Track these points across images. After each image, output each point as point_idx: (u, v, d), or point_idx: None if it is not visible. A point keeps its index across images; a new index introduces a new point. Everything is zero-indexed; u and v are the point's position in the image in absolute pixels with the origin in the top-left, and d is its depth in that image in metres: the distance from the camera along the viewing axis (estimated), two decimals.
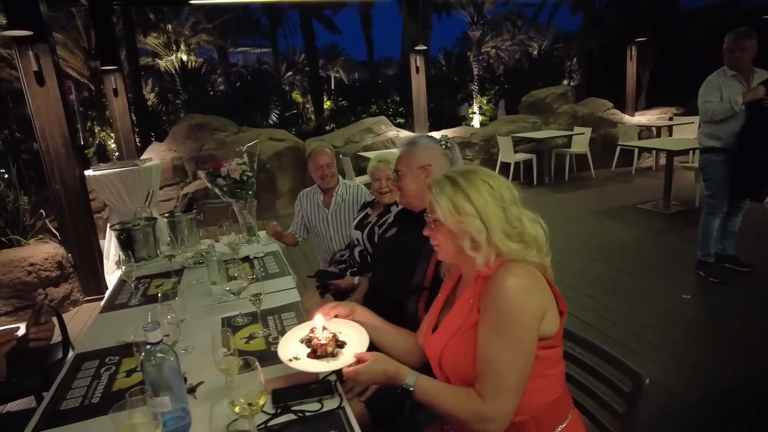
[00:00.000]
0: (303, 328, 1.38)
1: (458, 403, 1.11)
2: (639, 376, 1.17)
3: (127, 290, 2.26)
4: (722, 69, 3.58)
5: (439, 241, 1.27)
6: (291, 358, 1.24)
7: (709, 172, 3.68)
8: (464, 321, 1.20)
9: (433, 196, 1.23)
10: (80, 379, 1.52)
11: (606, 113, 8.90)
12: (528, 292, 1.10)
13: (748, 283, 3.67)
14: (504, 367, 1.07)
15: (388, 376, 1.18)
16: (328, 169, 2.88)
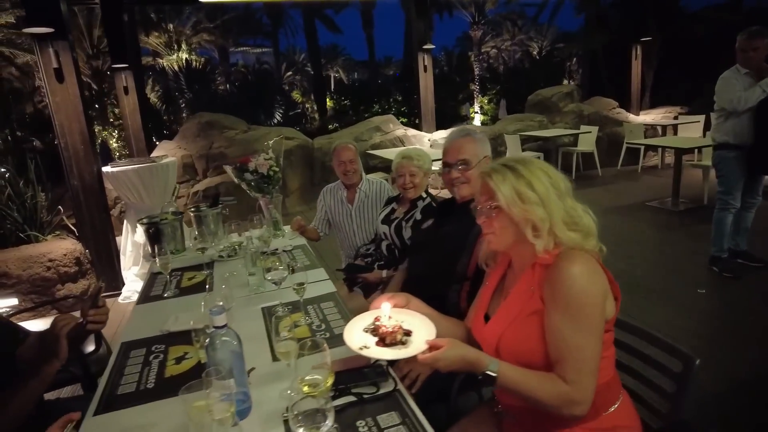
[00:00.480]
0: (364, 318, 1.37)
1: (544, 389, 1.12)
2: (689, 356, 1.21)
3: (159, 283, 2.29)
4: (735, 67, 3.62)
5: (495, 229, 1.26)
6: (361, 347, 1.24)
7: (723, 169, 3.72)
8: (522, 308, 1.22)
9: (495, 184, 1.22)
10: (131, 366, 1.55)
11: (611, 112, 8.95)
12: (592, 277, 1.13)
13: (763, 278, 3.71)
14: (583, 350, 1.11)
15: (467, 362, 1.16)
16: (351, 165, 2.91)
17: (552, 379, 1.12)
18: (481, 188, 1.30)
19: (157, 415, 1.29)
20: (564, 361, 1.11)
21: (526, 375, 1.15)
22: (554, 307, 1.14)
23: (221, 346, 1.18)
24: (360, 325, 1.34)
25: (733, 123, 3.58)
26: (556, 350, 1.13)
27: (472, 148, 1.81)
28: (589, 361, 1.11)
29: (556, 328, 1.13)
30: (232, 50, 25.43)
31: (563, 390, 1.10)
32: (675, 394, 1.23)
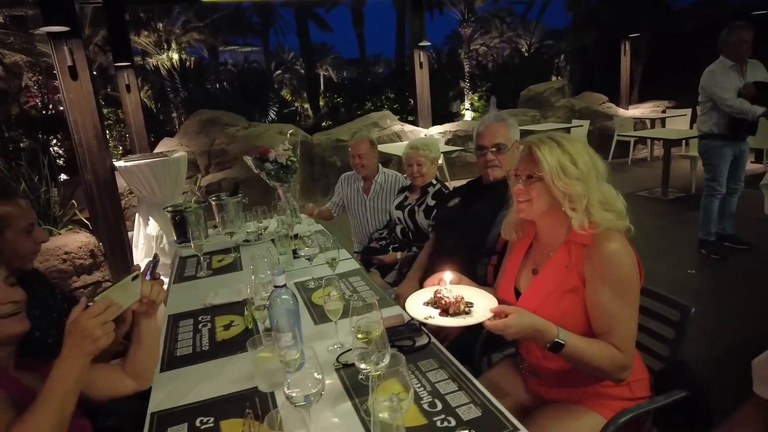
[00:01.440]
0: (422, 293, 1.45)
1: (605, 356, 1.21)
2: (685, 306, 1.39)
3: (190, 265, 2.45)
4: (720, 60, 3.82)
5: (532, 197, 1.32)
6: (426, 317, 1.31)
7: (709, 157, 3.94)
8: (559, 285, 1.30)
9: (542, 154, 1.28)
10: (182, 333, 1.71)
11: (601, 107, 9.20)
12: (631, 255, 1.25)
13: (747, 259, 3.95)
14: (629, 321, 1.24)
15: (535, 329, 1.20)
16: (360, 159, 3.10)
17: (608, 348, 1.22)
18: (524, 158, 1.35)
19: (216, 370, 1.45)
20: (613, 332, 1.22)
21: (589, 343, 1.23)
22: (601, 284, 1.23)
23: (282, 304, 1.34)
24: (421, 299, 1.42)
25: (718, 114, 3.80)
26: (605, 323, 1.24)
27: (506, 132, 1.94)
28: (634, 330, 1.25)
29: (604, 303, 1.23)
30: (221, 49, 25.40)
31: (618, 357, 1.21)
32: (674, 340, 1.41)
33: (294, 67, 26.42)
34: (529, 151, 1.34)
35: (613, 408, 1.32)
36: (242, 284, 2.05)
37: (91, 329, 1.03)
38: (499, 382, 1.52)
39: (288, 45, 27.66)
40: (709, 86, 3.83)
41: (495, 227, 1.89)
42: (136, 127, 6.50)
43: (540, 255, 1.43)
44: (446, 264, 1.97)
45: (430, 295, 1.43)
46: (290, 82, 25.65)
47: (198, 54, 22.29)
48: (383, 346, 1.15)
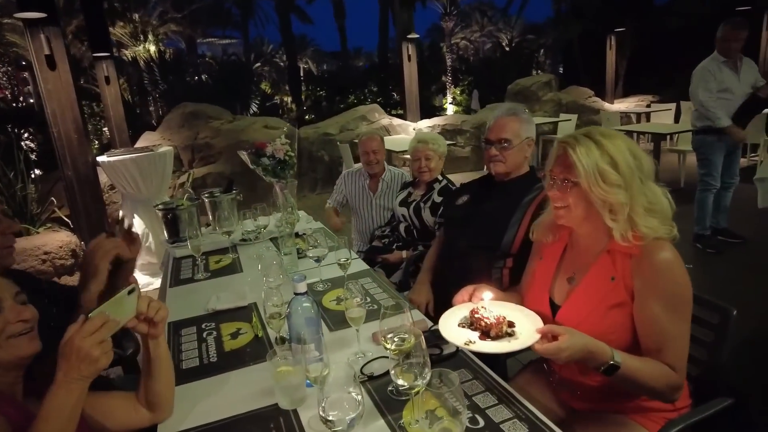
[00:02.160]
0: (455, 312, 1.32)
1: (659, 377, 1.12)
2: (726, 309, 1.33)
3: (186, 267, 2.31)
4: (714, 55, 3.84)
5: (569, 204, 1.21)
6: (466, 342, 1.18)
7: (704, 152, 3.94)
8: (604, 298, 1.19)
9: (578, 157, 1.15)
10: (186, 343, 1.58)
11: (588, 101, 9.23)
12: (683, 266, 1.14)
13: (742, 253, 3.97)
14: (683, 338, 1.15)
15: (589, 352, 1.09)
16: (374, 156, 2.99)
17: (662, 367, 1.12)
18: (559, 158, 1.23)
19: (228, 385, 1.33)
20: (665, 350, 1.13)
21: (644, 363, 1.13)
22: (654, 298, 1.13)
23: (303, 313, 1.23)
24: (454, 319, 1.29)
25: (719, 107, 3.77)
26: (656, 340, 1.14)
27: (515, 127, 1.82)
28: (687, 347, 1.15)
29: (657, 319, 1.13)
30: (200, 41, 24.85)
31: (673, 378, 1.12)
32: (713, 343, 1.35)
33: (274, 59, 26.05)
34: (564, 152, 1.21)
35: (655, 419, 1.26)
36: (245, 287, 1.93)
37: (87, 349, 0.91)
38: (529, 390, 1.43)
39: (268, 37, 27.25)
40: (695, 82, 3.86)
41: (510, 228, 1.81)
42: (117, 120, 6.25)
43: (577, 262, 1.32)
44: (457, 266, 1.90)
45: (463, 313, 1.30)
46: (270, 75, 25.27)
47: (176, 46, 21.74)
48: (422, 358, 1.05)
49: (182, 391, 1.30)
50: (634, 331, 1.19)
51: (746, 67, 3.82)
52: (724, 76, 3.77)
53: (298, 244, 2.38)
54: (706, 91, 3.78)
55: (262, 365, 1.40)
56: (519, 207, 1.81)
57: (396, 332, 1.18)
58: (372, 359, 1.36)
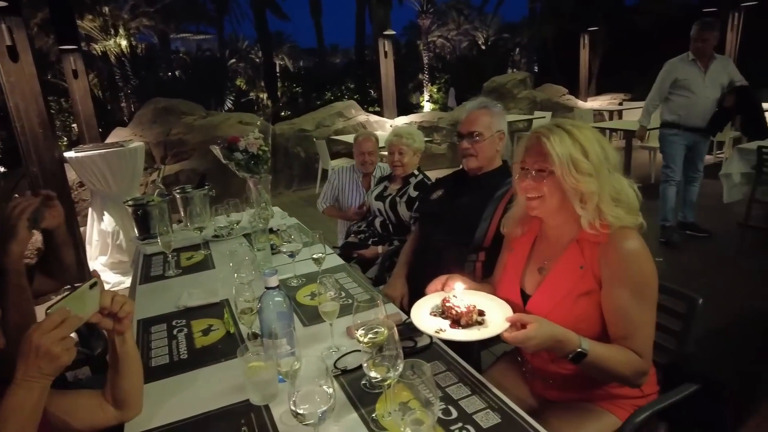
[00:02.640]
0: (427, 301, 1.33)
1: (625, 363, 1.13)
2: (693, 298, 1.36)
3: (157, 264, 2.26)
4: (686, 53, 3.96)
5: (544, 194, 1.21)
6: (437, 330, 1.19)
7: (666, 146, 4.09)
8: (573, 287, 1.21)
9: (552, 146, 1.16)
10: (156, 340, 1.54)
11: (562, 99, 9.37)
12: (649, 255, 1.16)
13: (708, 246, 4.08)
14: (649, 325, 1.17)
15: (556, 340, 1.10)
16: (369, 157, 3.03)
17: (628, 353, 1.14)
18: (531, 148, 1.23)
19: (199, 382, 1.31)
20: (632, 337, 1.15)
21: (611, 350, 1.14)
22: (621, 286, 1.15)
23: (274, 307, 1.21)
24: (426, 308, 1.30)
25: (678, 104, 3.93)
26: (624, 327, 1.16)
27: (486, 121, 1.82)
28: (652, 334, 1.18)
29: (623, 306, 1.15)
30: (173, 36, 24.35)
31: (639, 364, 1.14)
32: (681, 332, 1.38)
33: (249, 56, 25.74)
34: (537, 142, 1.21)
35: (624, 406, 1.28)
36: (217, 284, 1.89)
37: (48, 346, 0.86)
38: (502, 382, 1.44)
39: (243, 33, 26.91)
40: (659, 75, 4.01)
41: (483, 222, 1.82)
42: (86, 115, 6.07)
43: (547, 253, 1.33)
44: (432, 261, 1.90)
45: (435, 302, 1.31)
46: (245, 71, 24.94)
47: (148, 41, 21.23)
48: (395, 350, 1.04)
49: (152, 389, 1.27)
50: (603, 319, 1.21)
51: (718, 68, 3.89)
52: (688, 74, 3.88)
53: (272, 239, 2.35)
54: (656, 89, 3.98)
55: (233, 361, 1.38)
56: (491, 201, 1.82)
57: (369, 325, 1.17)
58: (346, 353, 1.35)
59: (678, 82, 3.90)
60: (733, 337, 2.76)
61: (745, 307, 3.04)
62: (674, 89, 3.93)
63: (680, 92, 3.92)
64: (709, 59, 3.88)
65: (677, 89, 3.92)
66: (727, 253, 3.93)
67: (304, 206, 6.57)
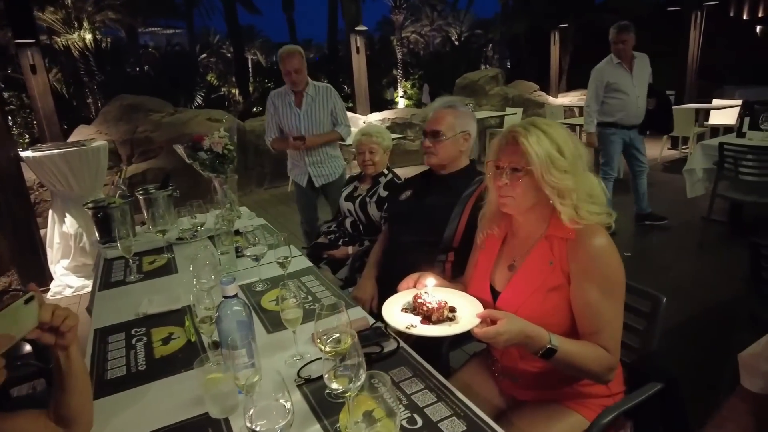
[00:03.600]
0: (399, 298, 1.33)
1: (594, 358, 1.14)
2: (657, 297, 1.37)
3: (118, 269, 2.18)
4: (610, 57, 4.18)
5: (516, 194, 1.22)
6: (408, 326, 1.18)
7: (605, 144, 4.27)
8: (542, 283, 1.21)
9: (530, 146, 1.16)
10: (113, 351, 1.48)
11: (533, 95, 9.47)
12: (616, 251, 1.17)
13: (673, 240, 4.19)
14: (617, 320, 1.18)
15: (526, 336, 1.10)
16: (297, 75, 3.10)
17: (596, 349, 1.15)
18: (506, 147, 1.23)
19: (158, 394, 1.25)
20: (601, 332, 1.15)
21: (580, 346, 1.15)
22: (589, 282, 1.15)
23: (233, 317, 1.17)
24: (398, 305, 1.29)
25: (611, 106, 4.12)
26: (592, 323, 1.16)
27: (449, 120, 1.82)
28: (620, 329, 1.19)
29: (592, 302, 1.15)
30: (141, 31, 23.70)
31: (606, 358, 1.15)
32: (645, 330, 1.39)
33: (220, 50, 25.28)
34: (513, 141, 1.21)
35: (591, 406, 1.28)
36: (179, 289, 1.83)
37: None
38: (471, 384, 1.43)
39: (214, 27, 26.37)
40: (589, 82, 4.20)
41: (451, 222, 1.81)
42: (46, 112, 5.83)
43: (517, 250, 1.34)
44: (401, 262, 1.87)
45: (407, 299, 1.30)
46: (216, 66, 24.49)
47: (115, 35, 20.56)
48: (357, 360, 1.01)
49: (106, 404, 1.22)
50: (572, 314, 1.22)
51: (640, 66, 4.14)
52: (617, 76, 4.09)
53: (238, 241, 2.29)
54: (594, 94, 4.14)
55: (193, 372, 1.32)
56: (459, 201, 1.81)
57: (331, 333, 1.14)
58: (310, 361, 1.31)
59: (610, 85, 4.10)
60: (697, 330, 2.83)
61: (709, 301, 3.12)
62: (608, 93, 4.12)
63: (614, 95, 4.11)
64: (631, 60, 4.11)
65: (611, 92, 4.11)
66: (690, 247, 4.04)
67: (277, 204, 6.48)
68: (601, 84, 4.10)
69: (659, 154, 7.19)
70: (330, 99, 3.30)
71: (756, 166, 3.67)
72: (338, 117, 3.39)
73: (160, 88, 12.68)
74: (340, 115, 3.40)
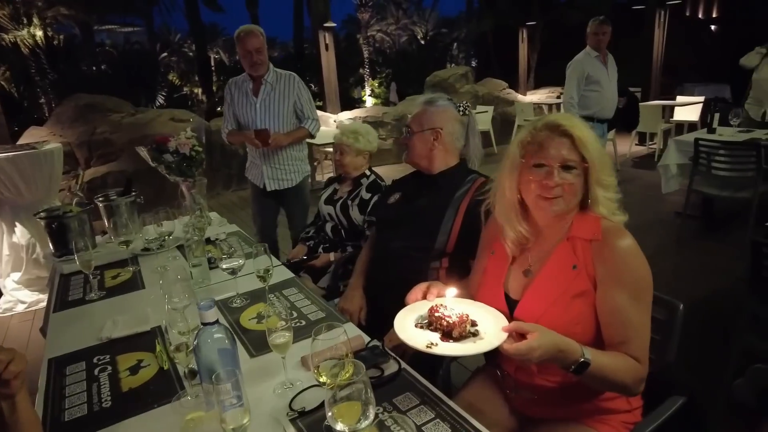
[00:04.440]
0: (411, 311, 1.21)
1: (626, 371, 1.06)
2: (673, 303, 1.29)
3: (76, 285, 1.97)
4: (587, 50, 4.17)
5: (567, 194, 1.13)
6: (428, 345, 1.06)
7: None
8: (567, 288, 1.12)
9: (585, 140, 1.11)
10: (72, 385, 1.29)
11: (502, 93, 9.49)
12: (643, 254, 1.11)
13: (650, 237, 4.16)
14: (647, 328, 1.09)
15: (560, 350, 1.01)
16: (258, 56, 2.82)
17: (628, 360, 1.07)
18: (552, 143, 1.12)
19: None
20: (631, 341, 1.07)
21: (612, 358, 1.06)
22: (618, 287, 1.08)
23: (214, 344, 1.01)
24: (410, 320, 1.17)
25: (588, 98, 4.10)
26: (622, 332, 1.08)
27: (422, 117, 1.75)
28: (649, 337, 1.10)
29: (621, 309, 1.07)
30: (97, 28, 22.75)
31: (639, 370, 1.07)
32: (661, 341, 1.30)
33: (182, 49, 24.60)
34: (560, 134, 1.12)
35: (612, 423, 1.19)
36: (148, 308, 1.64)
37: None
38: (478, 403, 1.31)
39: (174, 26, 25.59)
40: (569, 74, 4.16)
41: (444, 226, 1.69)
42: None
43: (534, 253, 1.23)
44: (392, 269, 1.75)
45: (419, 313, 1.18)
46: (178, 65, 23.79)
47: (68, 32, 19.62)
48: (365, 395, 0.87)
49: None
50: (598, 322, 1.12)
51: (611, 62, 4.19)
52: (595, 69, 4.09)
53: (210, 251, 2.11)
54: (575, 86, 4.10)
55: (169, 407, 1.16)
56: (451, 202, 1.70)
57: (330, 360, 1.01)
58: (303, 389, 1.16)
59: (589, 77, 4.09)
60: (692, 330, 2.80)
61: (689, 297, 3.10)
62: (587, 85, 4.11)
63: (592, 87, 4.11)
64: (605, 54, 4.13)
65: (589, 85, 4.10)
66: (667, 243, 4.05)
67: (246, 207, 6.24)
68: (582, 76, 4.07)
69: (628, 150, 7.31)
70: (293, 89, 2.93)
71: (728, 161, 3.72)
72: (304, 110, 3.00)
73: (119, 87, 12.13)
74: (307, 108, 3.00)
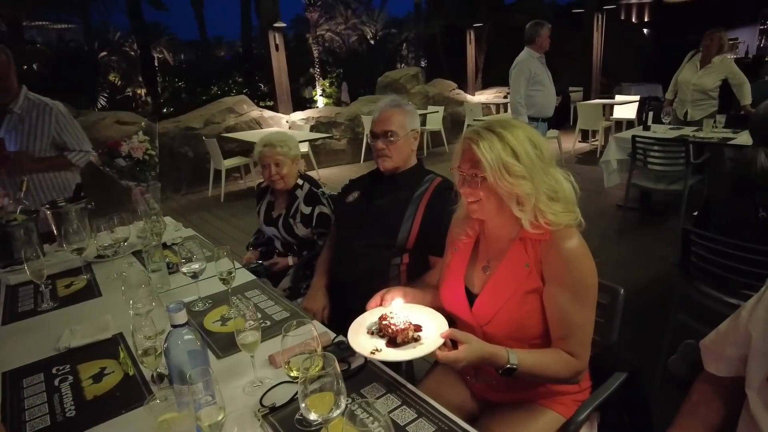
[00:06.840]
0: (367, 317, 1.28)
1: (557, 365, 1.15)
2: (615, 289, 1.40)
3: (25, 296, 1.89)
4: (528, 51, 4.28)
5: (481, 198, 1.19)
6: (372, 351, 1.13)
7: None
8: (520, 285, 1.19)
9: (482, 153, 1.13)
10: (31, 397, 1.26)
11: (452, 93, 9.71)
12: (589, 254, 1.16)
13: (594, 229, 4.41)
14: (587, 325, 1.17)
15: (484, 359, 1.11)
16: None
17: (559, 354, 1.16)
18: (464, 154, 1.21)
19: None
20: (570, 337, 1.16)
21: (540, 358, 1.15)
22: (561, 287, 1.15)
23: (184, 346, 1.03)
24: (364, 327, 1.24)
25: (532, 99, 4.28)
26: (563, 328, 1.16)
27: (400, 120, 1.76)
28: (590, 334, 1.18)
29: (562, 307, 1.15)
30: (26, 24, 21.42)
31: (572, 363, 1.16)
32: (605, 324, 1.41)
33: (122, 48, 23.55)
34: (468, 148, 1.18)
35: (565, 402, 1.28)
36: (107, 315, 1.62)
37: None
38: (441, 390, 1.38)
39: (114, 24, 24.44)
40: (515, 76, 4.27)
41: (405, 223, 1.75)
42: None
43: (491, 251, 1.30)
44: (355, 268, 1.79)
45: (373, 319, 1.25)
46: (119, 65, 22.77)
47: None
48: (336, 385, 0.92)
49: None
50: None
51: (546, 63, 4.37)
52: (538, 70, 4.25)
53: (168, 256, 2.09)
54: (523, 86, 4.21)
55: (138, 411, 1.16)
56: (411, 201, 1.76)
57: (301, 355, 1.04)
58: (272, 386, 1.19)
59: (534, 77, 4.22)
60: (632, 312, 3.00)
61: (629, 282, 3.33)
62: (531, 86, 4.25)
63: (536, 87, 4.26)
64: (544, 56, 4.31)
65: (533, 85, 4.25)
66: (609, 233, 4.31)
67: (197, 211, 6.11)
68: (529, 76, 4.19)
69: (572, 147, 7.66)
70: (49, 123, 2.52)
71: (661, 156, 3.99)
72: (69, 144, 2.65)
73: (54, 88, 11.47)
74: (71, 142, 2.65)
